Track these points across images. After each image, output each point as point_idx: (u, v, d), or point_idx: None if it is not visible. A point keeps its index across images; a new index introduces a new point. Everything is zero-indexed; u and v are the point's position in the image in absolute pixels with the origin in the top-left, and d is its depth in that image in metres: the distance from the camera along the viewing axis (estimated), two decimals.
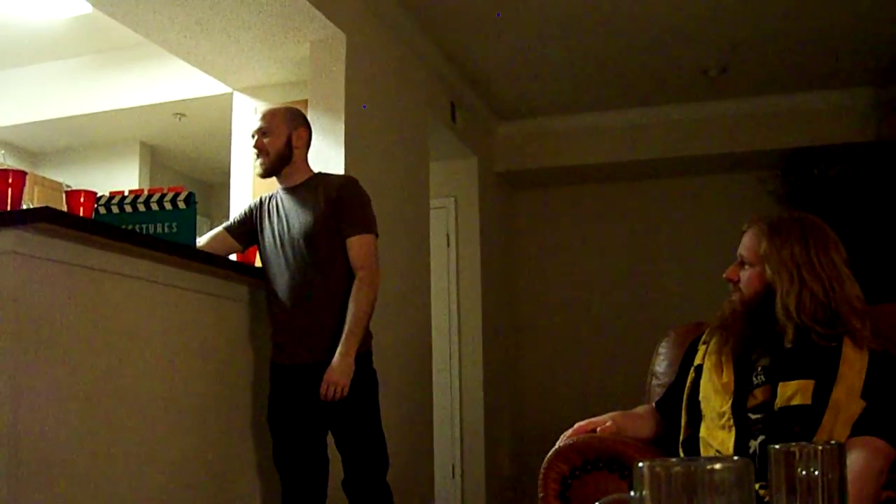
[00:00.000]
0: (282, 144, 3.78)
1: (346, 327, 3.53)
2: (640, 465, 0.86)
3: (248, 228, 3.89)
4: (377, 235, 3.75)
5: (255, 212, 3.89)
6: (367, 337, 3.66)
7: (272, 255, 3.73)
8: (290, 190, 3.79)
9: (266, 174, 3.80)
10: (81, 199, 3.42)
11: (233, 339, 3.83)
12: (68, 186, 6.95)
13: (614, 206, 8.53)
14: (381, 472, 3.60)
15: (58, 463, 2.85)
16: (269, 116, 3.84)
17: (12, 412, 2.69)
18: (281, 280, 3.66)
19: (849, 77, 7.08)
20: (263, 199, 3.90)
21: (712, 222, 7.93)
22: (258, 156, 3.78)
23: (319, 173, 3.90)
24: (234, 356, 3.84)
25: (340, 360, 3.48)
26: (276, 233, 3.73)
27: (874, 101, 7.31)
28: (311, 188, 3.76)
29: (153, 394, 3.33)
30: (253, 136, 3.82)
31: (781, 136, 7.52)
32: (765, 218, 2.49)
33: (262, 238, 3.81)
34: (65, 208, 3.36)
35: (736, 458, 0.88)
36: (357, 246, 3.65)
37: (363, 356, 3.61)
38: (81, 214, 3.35)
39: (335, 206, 3.66)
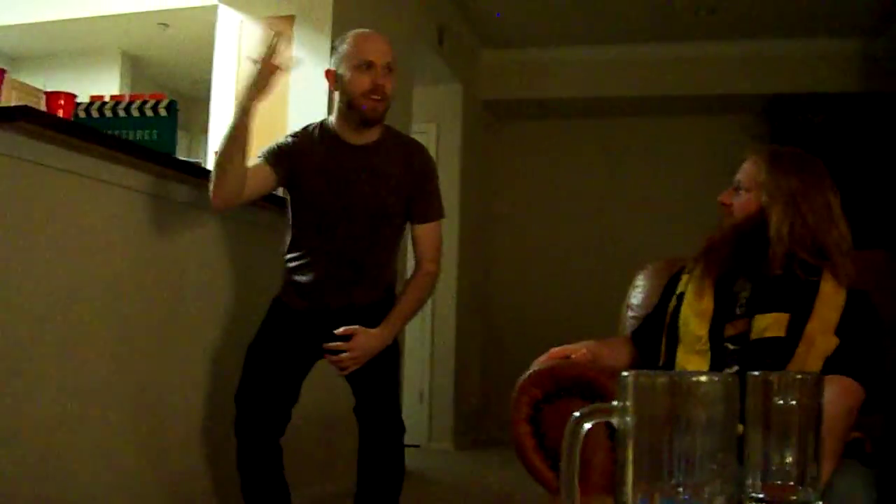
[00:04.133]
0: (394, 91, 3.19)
1: (398, 309, 3.23)
2: (626, 374, 0.85)
3: (288, 164, 3.19)
4: None
5: (296, 149, 3.21)
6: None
7: (324, 211, 3.19)
8: (363, 146, 3.20)
9: (370, 123, 3.16)
10: (61, 102, 3.37)
11: (209, 254, 3.80)
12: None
13: (597, 141, 8.52)
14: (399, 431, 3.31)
15: (28, 365, 2.85)
16: (390, 49, 3.18)
17: None
18: (333, 239, 3.20)
19: (838, 26, 7.07)
20: (308, 138, 3.25)
21: (694, 162, 7.95)
22: (373, 94, 3.10)
23: (389, 129, 3.30)
24: (208, 273, 3.81)
25: (379, 340, 3.15)
26: (340, 188, 3.16)
27: (862, 51, 7.30)
28: (386, 150, 3.23)
29: (118, 301, 3.30)
30: (366, 65, 3.11)
31: (768, 81, 7.53)
32: (767, 148, 2.50)
33: (311, 183, 3.19)
34: (44, 110, 3.31)
35: (724, 373, 0.88)
36: (432, 234, 3.33)
37: None
38: (61, 116, 3.30)
39: (414, 180, 3.23)
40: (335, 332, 3.12)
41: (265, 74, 2.99)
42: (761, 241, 2.34)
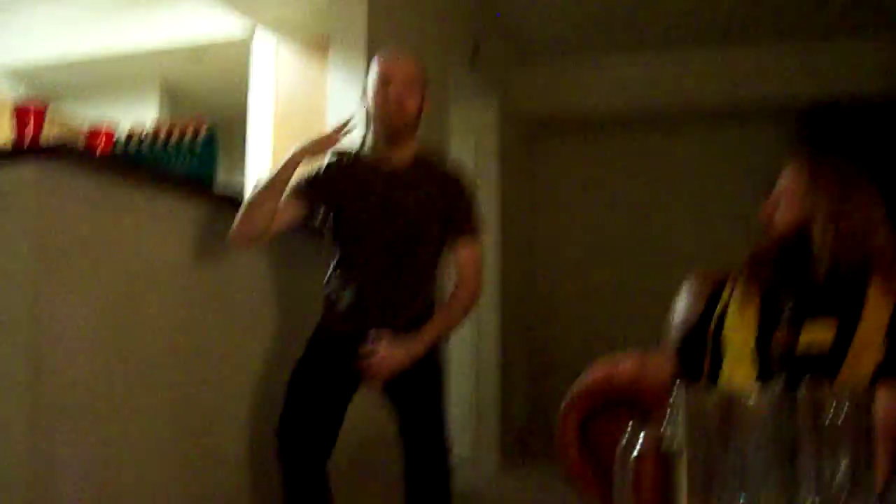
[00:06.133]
0: (416, 107, 3.24)
1: (430, 325, 3.23)
2: (676, 390, 0.85)
3: (318, 192, 3.30)
4: None
5: (329, 174, 3.32)
6: None
7: (361, 232, 3.26)
8: (397, 167, 3.27)
9: (393, 138, 3.23)
10: (101, 137, 3.40)
11: (252, 282, 3.81)
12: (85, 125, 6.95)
13: (635, 152, 8.48)
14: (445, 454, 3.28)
15: (75, 399, 2.87)
16: (412, 66, 3.27)
17: (32, 347, 2.72)
18: (370, 261, 3.25)
19: (877, 28, 6.96)
20: (346, 162, 3.34)
21: (733, 171, 7.89)
22: (387, 107, 3.19)
23: (426, 151, 3.37)
24: (252, 301, 3.81)
25: (405, 352, 3.16)
26: (375, 209, 3.23)
27: None
28: (421, 170, 3.29)
29: (164, 330, 3.31)
30: (385, 80, 3.21)
31: (806, 87, 7.45)
32: (806, 157, 2.49)
33: (346, 205, 3.28)
34: (84, 145, 3.35)
35: (773, 390, 0.87)
36: (470, 253, 3.31)
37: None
38: (101, 151, 3.33)
39: (449, 201, 3.28)
40: (366, 341, 3.17)
41: (326, 143, 3.21)
42: (805, 250, 2.33)
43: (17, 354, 2.72)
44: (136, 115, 7.39)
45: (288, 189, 3.27)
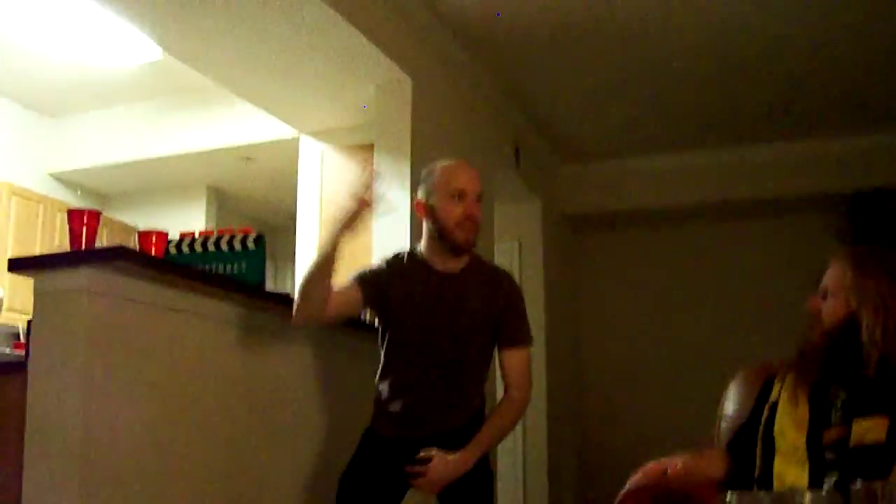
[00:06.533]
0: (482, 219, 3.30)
1: (481, 435, 3.20)
2: (729, 496, 0.85)
3: (377, 289, 3.24)
4: None
5: (387, 275, 3.28)
6: None
7: (412, 338, 3.25)
8: (451, 274, 3.27)
9: (460, 251, 3.23)
10: (153, 240, 3.46)
11: (301, 383, 3.83)
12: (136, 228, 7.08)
13: (680, 249, 8.44)
14: None
15: (120, 496, 2.89)
16: (479, 179, 3.31)
17: (82, 447, 2.75)
18: (421, 367, 3.24)
19: None
20: (398, 265, 3.32)
21: (779, 265, 7.83)
22: (465, 223, 3.20)
23: (476, 256, 3.35)
24: (301, 401, 3.83)
25: (456, 466, 3.11)
26: (427, 315, 3.22)
27: None
28: (473, 278, 3.28)
29: (213, 432, 3.33)
30: (458, 195, 3.21)
31: (847, 177, 7.41)
32: (851, 250, 2.49)
33: (399, 310, 3.25)
34: (136, 249, 3.41)
35: (825, 491, 0.87)
36: (519, 360, 3.34)
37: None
38: (153, 255, 3.39)
39: (499, 308, 3.27)
40: (417, 456, 3.13)
41: (356, 211, 3.05)
42: (853, 345, 2.31)
43: (69, 452, 2.74)
44: (184, 218, 7.56)
45: (351, 276, 3.25)
